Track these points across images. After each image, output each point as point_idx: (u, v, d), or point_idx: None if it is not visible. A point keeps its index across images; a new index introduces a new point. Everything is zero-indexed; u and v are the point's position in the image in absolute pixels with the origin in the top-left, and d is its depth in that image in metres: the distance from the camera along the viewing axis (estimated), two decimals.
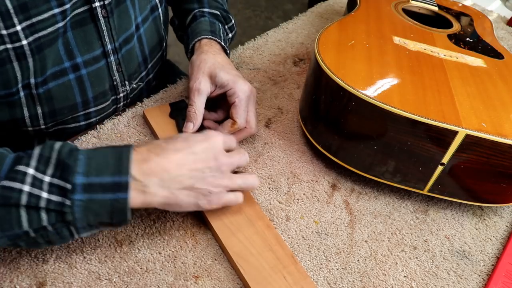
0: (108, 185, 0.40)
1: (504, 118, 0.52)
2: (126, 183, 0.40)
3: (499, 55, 0.66)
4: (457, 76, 0.57)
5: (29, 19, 0.46)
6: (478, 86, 0.56)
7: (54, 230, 0.40)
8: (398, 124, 0.50)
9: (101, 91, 0.60)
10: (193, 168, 0.44)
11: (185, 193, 0.44)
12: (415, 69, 0.57)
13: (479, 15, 0.81)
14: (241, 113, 0.57)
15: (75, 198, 0.39)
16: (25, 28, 0.46)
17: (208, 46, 0.62)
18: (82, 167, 0.40)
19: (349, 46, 0.59)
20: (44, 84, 0.53)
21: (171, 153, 0.44)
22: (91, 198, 0.39)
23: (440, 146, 0.50)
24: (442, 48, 0.64)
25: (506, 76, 0.60)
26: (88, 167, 0.40)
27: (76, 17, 0.52)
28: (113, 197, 0.40)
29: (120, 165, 0.41)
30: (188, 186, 0.43)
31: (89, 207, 0.40)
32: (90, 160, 0.41)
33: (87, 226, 0.41)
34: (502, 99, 0.55)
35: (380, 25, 0.67)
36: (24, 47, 0.47)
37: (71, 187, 0.39)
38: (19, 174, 0.39)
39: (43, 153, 0.41)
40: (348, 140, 0.55)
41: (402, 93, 0.52)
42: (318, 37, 0.59)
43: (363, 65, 0.55)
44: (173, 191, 0.43)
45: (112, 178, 0.40)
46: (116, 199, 0.40)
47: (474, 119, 0.50)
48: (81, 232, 0.41)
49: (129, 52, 0.61)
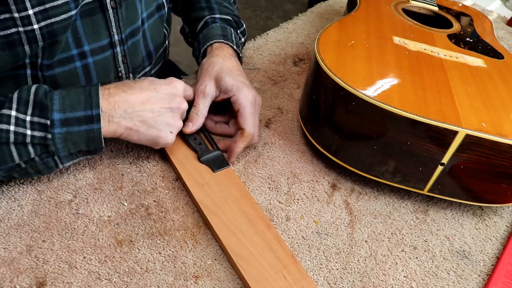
0: (82, 118, 0.47)
1: (504, 118, 0.52)
2: (98, 115, 0.47)
3: (499, 55, 0.66)
4: (457, 76, 0.57)
5: (42, 4, 0.47)
6: (478, 86, 0.56)
7: (41, 161, 0.48)
8: (398, 124, 0.50)
9: (106, 82, 0.60)
10: (155, 106, 0.50)
11: (145, 127, 0.50)
12: (415, 69, 0.57)
13: (479, 15, 0.81)
14: (248, 120, 0.56)
15: (55, 132, 0.46)
16: (37, 13, 0.47)
17: (219, 50, 0.63)
18: (57, 105, 0.46)
19: (349, 46, 0.59)
20: (50, 69, 0.53)
21: (137, 91, 0.50)
22: (68, 131, 0.47)
23: (440, 146, 0.50)
24: (442, 48, 0.64)
25: (506, 76, 0.60)
26: (63, 105, 0.47)
27: (85, 6, 0.52)
28: (87, 128, 0.47)
29: (91, 100, 0.47)
30: (149, 121, 0.50)
31: (68, 138, 0.47)
32: (64, 99, 0.47)
33: (69, 155, 0.50)
34: (502, 99, 0.55)
35: (380, 25, 0.67)
36: (35, 31, 0.48)
37: (50, 122, 0.46)
38: (4, 117, 0.45)
39: (21, 96, 0.46)
40: (348, 140, 0.55)
41: (402, 93, 0.52)
42: (318, 37, 0.59)
43: (363, 65, 0.55)
44: (135, 123, 0.49)
45: (84, 112, 0.47)
46: (90, 129, 0.47)
47: (474, 119, 0.50)
48: (64, 161, 0.50)
49: (134, 45, 0.61)
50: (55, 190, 0.52)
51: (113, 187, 0.53)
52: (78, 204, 0.50)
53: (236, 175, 0.55)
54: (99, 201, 0.51)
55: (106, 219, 0.50)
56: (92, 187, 0.53)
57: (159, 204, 0.52)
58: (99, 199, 0.51)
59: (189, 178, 0.53)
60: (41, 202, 0.50)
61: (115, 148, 0.58)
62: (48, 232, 0.47)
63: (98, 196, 0.52)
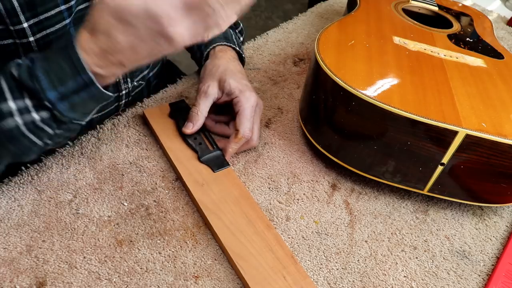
0: (76, 88, 0.43)
1: (504, 118, 0.52)
2: (90, 79, 0.42)
3: (499, 55, 0.66)
4: (457, 76, 0.57)
5: (37, 16, 0.47)
6: (478, 86, 0.56)
7: (66, 127, 0.46)
8: (398, 124, 0.50)
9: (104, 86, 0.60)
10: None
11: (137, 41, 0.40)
12: (415, 69, 0.57)
13: (479, 15, 0.81)
14: (244, 122, 0.56)
15: (59, 108, 0.43)
16: (32, 25, 0.47)
17: (223, 53, 0.63)
18: (45, 83, 0.42)
19: (349, 46, 0.59)
20: None
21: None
22: (71, 101, 0.43)
23: (440, 146, 0.50)
24: (442, 48, 0.64)
25: (506, 76, 0.60)
26: (51, 81, 0.43)
27: (78, 13, 0.52)
28: (87, 94, 0.43)
29: (76, 67, 0.42)
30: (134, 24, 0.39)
31: (75, 107, 0.44)
32: (48, 74, 0.42)
33: (85, 114, 0.46)
34: (502, 99, 0.55)
35: (380, 25, 0.67)
36: (31, 43, 0.48)
37: (49, 102, 0.43)
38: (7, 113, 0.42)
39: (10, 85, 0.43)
40: (348, 140, 0.55)
41: (402, 93, 0.52)
42: (318, 37, 0.59)
43: (363, 65, 0.55)
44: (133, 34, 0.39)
45: (76, 82, 0.43)
46: (91, 94, 0.43)
47: (474, 119, 0.50)
48: (85, 119, 0.46)
49: None
50: (55, 190, 0.52)
51: (113, 187, 0.53)
52: (78, 204, 0.50)
53: (236, 175, 0.55)
54: (99, 201, 0.51)
55: (106, 219, 0.49)
56: (92, 187, 0.53)
57: (159, 204, 0.52)
58: (99, 199, 0.51)
59: (189, 178, 0.53)
60: (41, 202, 0.50)
61: (115, 148, 0.58)
62: (48, 232, 0.47)
63: (98, 196, 0.52)
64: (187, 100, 0.65)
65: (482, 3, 1.09)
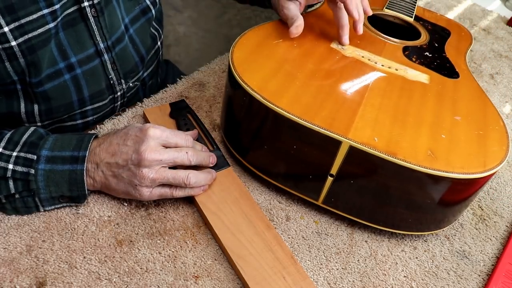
0: (68, 158, 0.47)
1: (408, 136, 0.48)
2: (83, 157, 0.47)
3: (454, 74, 0.61)
4: (380, 87, 0.54)
5: (18, 20, 0.46)
6: (400, 101, 0.53)
7: (21, 199, 0.47)
8: (282, 126, 0.48)
9: (97, 90, 0.60)
10: (119, 159, 0.47)
11: (115, 181, 0.48)
12: (333, 74, 0.54)
13: (461, 32, 0.76)
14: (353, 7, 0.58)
15: (38, 168, 0.46)
16: (13, 30, 0.47)
17: None
18: (49, 144, 0.47)
19: (273, 44, 0.57)
20: (40, 86, 0.53)
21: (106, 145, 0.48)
22: (52, 168, 0.46)
23: (326, 155, 0.47)
24: (387, 58, 0.60)
25: (445, 95, 0.56)
26: (54, 145, 0.47)
27: (66, 17, 0.52)
28: (70, 167, 0.47)
29: (81, 143, 0.48)
30: (116, 175, 0.48)
31: (50, 177, 0.46)
32: (56, 140, 0.48)
33: (50, 199, 0.47)
34: (420, 117, 0.51)
35: (327, 28, 0.64)
36: (14, 48, 0.47)
37: (36, 157, 0.46)
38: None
39: (12, 137, 0.47)
40: (246, 138, 0.54)
41: (297, 96, 0.49)
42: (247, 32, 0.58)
43: (273, 63, 0.53)
44: (107, 177, 0.48)
45: (71, 152, 0.47)
46: (73, 170, 0.47)
47: (369, 132, 0.47)
48: (45, 204, 0.48)
49: (123, 50, 0.61)
50: None
51: None
52: (78, 204, 0.50)
53: (236, 175, 0.55)
54: (99, 201, 0.51)
55: (106, 219, 0.50)
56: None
57: (159, 204, 0.52)
58: (99, 199, 0.51)
59: None
60: None
61: None
62: (48, 232, 0.47)
63: (98, 196, 0.52)
64: (187, 100, 0.65)
65: (482, 3, 1.09)
